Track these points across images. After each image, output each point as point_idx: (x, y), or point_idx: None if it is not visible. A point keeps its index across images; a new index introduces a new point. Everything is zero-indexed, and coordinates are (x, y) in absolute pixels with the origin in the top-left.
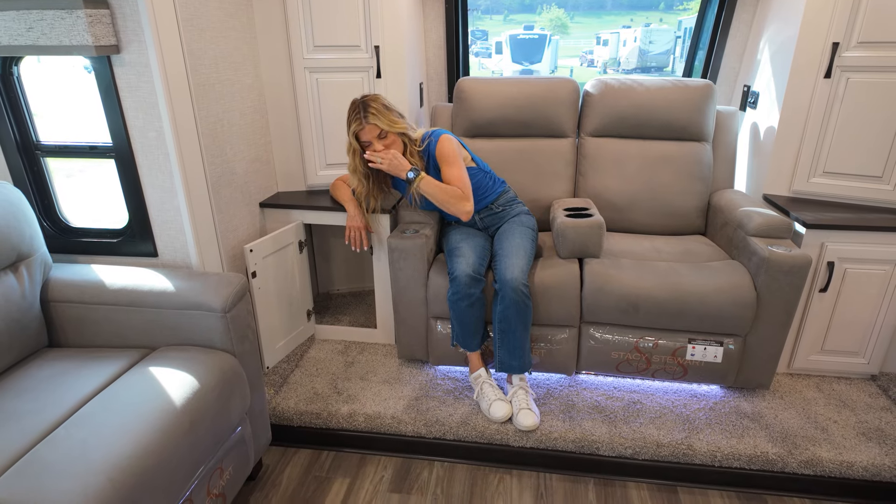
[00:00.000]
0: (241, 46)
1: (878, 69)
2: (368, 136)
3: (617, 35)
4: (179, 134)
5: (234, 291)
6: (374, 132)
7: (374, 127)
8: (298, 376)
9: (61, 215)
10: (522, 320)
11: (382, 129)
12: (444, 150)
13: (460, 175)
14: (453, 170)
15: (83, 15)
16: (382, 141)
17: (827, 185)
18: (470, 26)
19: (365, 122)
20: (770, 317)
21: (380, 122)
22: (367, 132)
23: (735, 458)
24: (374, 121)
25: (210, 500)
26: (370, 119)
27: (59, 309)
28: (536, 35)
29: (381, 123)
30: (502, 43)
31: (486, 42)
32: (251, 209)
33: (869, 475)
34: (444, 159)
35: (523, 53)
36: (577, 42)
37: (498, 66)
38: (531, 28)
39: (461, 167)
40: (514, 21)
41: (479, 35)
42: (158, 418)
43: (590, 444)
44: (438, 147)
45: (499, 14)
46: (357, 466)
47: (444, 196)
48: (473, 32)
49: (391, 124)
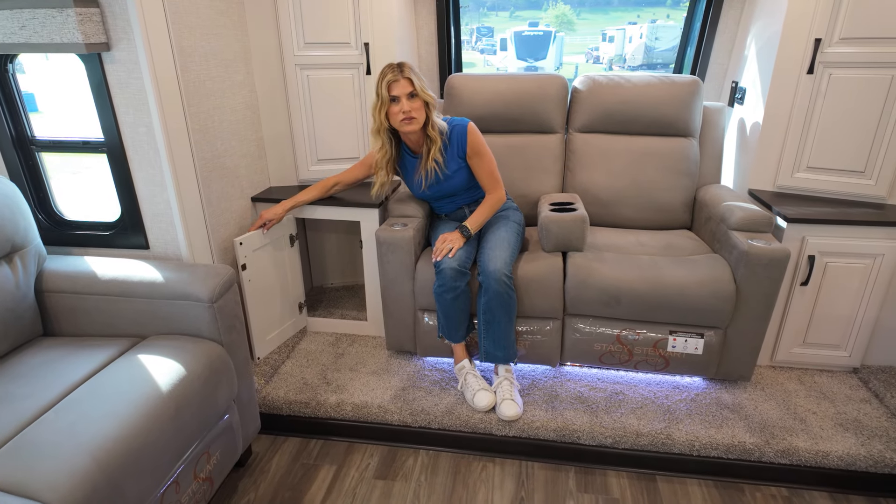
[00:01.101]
0: (232, 43)
1: (859, 65)
2: (400, 91)
3: (623, 31)
4: (169, 130)
5: (222, 282)
6: (407, 88)
7: (409, 82)
8: (289, 367)
9: (56, 208)
10: (506, 311)
11: (415, 88)
12: (476, 141)
13: (492, 165)
14: (485, 161)
15: (73, 13)
16: (411, 102)
17: (811, 180)
18: (475, 23)
19: (401, 75)
20: (750, 309)
21: (415, 80)
22: (401, 86)
23: (713, 447)
24: (411, 75)
25: (197, 483)
26: (406, 73)
27: (52, 299)
28: (541, 32)
29: (416, 82)
30: (507, 40)
31: (492, 39)
32: (243, 203)
33: (844, 465)
34: (477, 152)
35: (528, 50)
36: (584, 39)
37: (503, 62)
38: (536, 25)
39: (491, 157)
40: (521, 18)
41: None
42: (144, 403)
43: (571, 434)
44: (471, 137)
45: (505, 10)
46: (344, 454)
47: (489, 211)
48: (479, 29)
49: (423, 88)
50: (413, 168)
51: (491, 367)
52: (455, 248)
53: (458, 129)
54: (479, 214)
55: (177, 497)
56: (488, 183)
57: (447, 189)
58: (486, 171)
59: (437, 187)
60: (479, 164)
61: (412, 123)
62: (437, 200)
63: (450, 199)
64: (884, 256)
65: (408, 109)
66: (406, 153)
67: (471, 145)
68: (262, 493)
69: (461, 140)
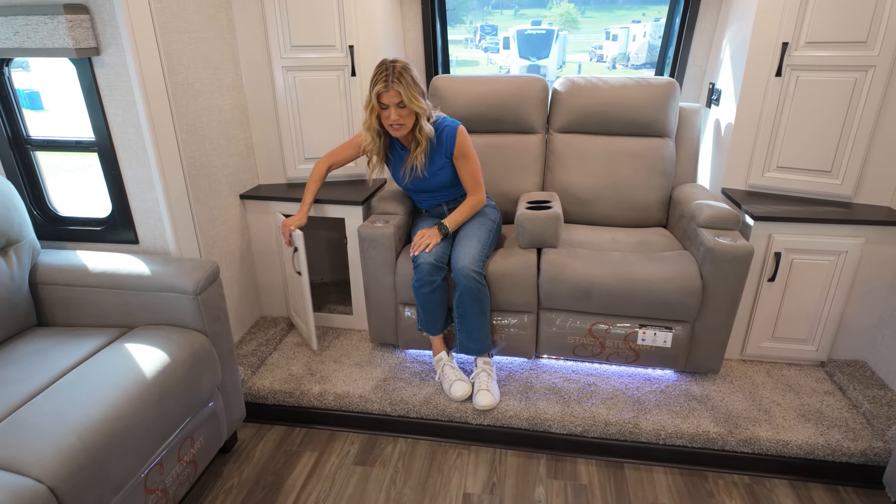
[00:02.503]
0: (220, 47)
1: (825, 68)
2: (388, 101)
3: (626, 30)
4: (156, 130)
5: (206, 275)
6: (395, 99)
7: (397, 94)
8: (276, 358)
9: (50, 205)
10: (478, 305)
11: (404, 100)
12: (464, 144)
13: (475, 169)
14: (470, 164)
15: (64, 20)
16: (400, 111)
17: (781, 180)
18: (479, 21)
19: (391, 86)
20: (716, 304)
21: (404, 92)
22: (390, 97)
23: (678, 436)
24: (399, 88)
25: (181, 465)
26: (395, 86)
27: (46, 291)
28: (544, 30)
29: (405, 94)
30: (510, 38)
31: (496, 37)
32: (231, 200)
33: (803, 453)
34: (463, 153)
35: (530, 49)
36: (588, 37)
37: (506, 61)
38: (539, 23)
39: (476, 161)
40: (525, 16)
41: (489, 30)
42: (129, 388)
43: (542, 422)
44: (459, 140)
45: (509, 9)
46: (326, 442)
47: (468, 212)
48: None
49: (411, 100)
50: (400, 160)
51: (470, 358)
52: (432, 244)
53: (448, 129)
54: (458, 214)
55: (161, 477)
56: (470, 185)
57: (428, 185)
58: (470, 175)
59: (419, 182)
60: (464, 167)
61: (401, 129)
62: (418, 194)
63: (430, 195)
64: (847, 253)
65: (396, 118)
66: (396, 144)
67: (458, 147)
68: (245, 478)
69: (450, 141)
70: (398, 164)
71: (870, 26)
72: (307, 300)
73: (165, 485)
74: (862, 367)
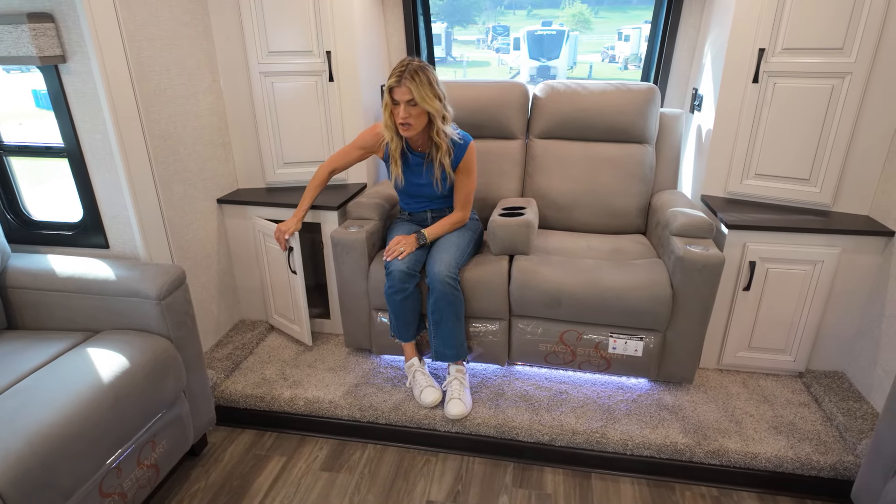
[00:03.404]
0: (196, 53)
1: (801, 75)
2: (399, 97)
3: (639, 30)
4: (123, 136)
5: (170, 281)
6: (406, 95)
7: (408, 91)
8: (251, 362)
9: (24, 209)
10: (453, 311)
11: (415, 98)
12: (471, 159)
13: (471, 188)
14: (468, 182)
15: (27, 29)
16: (409, 108)
17: (759, 187)
18: (492, 22)
19: (403, 82)
20: (687, 314)
21: (414, 90)
22: (400, 93)
23: (645, 447)
24: (410, 86)
25: (141, 469)
26: (407, 82)
27: (16, 294)
28: (554, 31)
29: (415, 92)
30: (520, 39)
31: (508, 38)
32: (208, 205)
33: (772, 466)
34: (466, 169)
35: (540, 49)
36: (601, 37)
37: (516, 62)
38: (549, 24)
39: (475, 180)
40: (538, 16)
41: (501, 31)
42: (84, 392)
43: (510, 430)
44: (468, 155)
45: (522, 9)
46: (296, 447)
47: (449, 228)
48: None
49: (424, 99)
50: (406, 165)
51: (443, 365)
52: (406, 252)
53: (463, 145)
54: (439, 227)
55: (118, 481)
56: (461, 202)
57: (422, 191)
58: (465, 191)
59: (419, 188)
60: (463, 182)
61: (409, 130)
62: (409, 197)
63: (419, 200)
64: (823, 263)
65: (404, 116)
66: (407, 146)
67: (465, 161)
68: (212, 481)
69: (459, 152)
70: (405, 168)
71: (846, 33)
72: (302, 297)
73: (123, 489)
74: (840, 379)
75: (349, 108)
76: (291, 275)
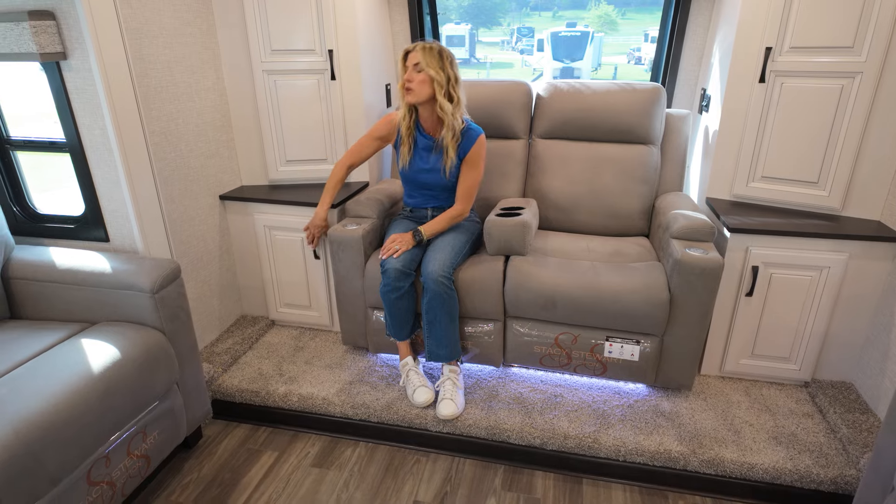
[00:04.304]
0: (200, 51)
1: (810, 74)
2: (409, 60)
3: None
4: (122, 132)
5: (164, 275)
6: (414, 59)
7: (416, 55)
8: (249, 357)
9: (30, 202)
10: (447, 311)
11: (421, 63)
12: (479, 151)
13: (476, 181)
14: (473, 173)
15: (28, 27)
16: (417, 74)
17: (766, 190)
18: (517, 23)
19: (416, 48)
20: (685, 318)
21: (421, 56)
22: (411, 57)
23: (639, 453)
24: (420, 51)
25: (131, 459)
26: (418, 49)
27: (18, 285)
28: (578, 32)
29: (421, 57)
30: (544, 40)
31: (532, 39)
32: (210, 201)
33: (769, 478)
34: (473, 161)
35: (565, 51)
36: (627, 39)
37: (539, 63)
38: (574, 25)
39: (481, 175)
40: (564, 17)
41: (525, 32)
42: (73, 382)
43: (501, 433)
44: (477, 146)
45: (548, 10)
46: (288, 442)
47: (447, 223)
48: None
49: (430, 65)
50: (416, 147)
51: (438, 365)
52: (402, 250)
53: (471, 132)
54: (437, 223)
55: (106, 471)
56: (463, 194)
57: (427, 178)
58: (468, 184)
59: (425, 175)
60: (468, 174)
61: (409, 94)
62: (413, 187)
63: (423, 193)
64: (829, 269)
65: (408, 78)
66: (419, 129)
67: (473, 152)
68: (204, 474)
69: (468, 142)
70: (413, 149)
71: (857, 30)
72: (324, 282)
73: (112, 478)
74: (848, 390)
75: (351, 106)
76: (313, 261)
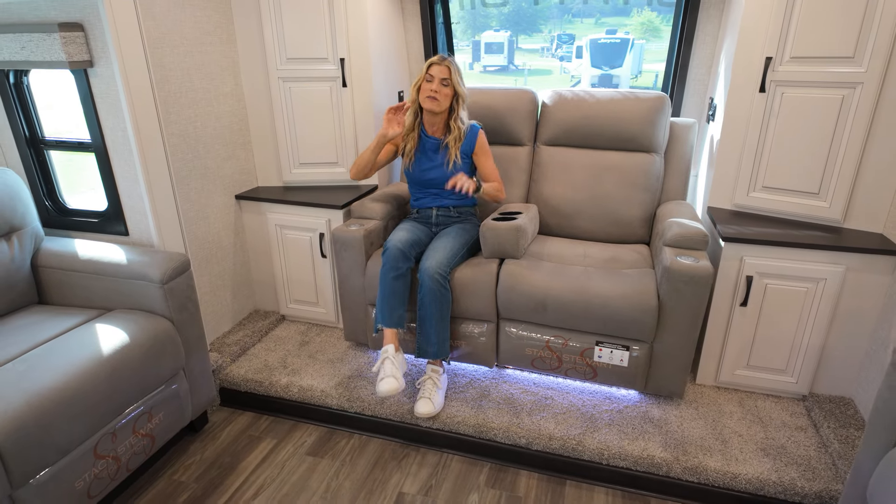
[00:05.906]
0: (219, 59)
1: (810, 84)
2: (436, 73)
3: None
4: (141, 134)
5: (174, 267)
6: (444, 73)
7: (447, 69)
8: (257, 350)
9: (61, 198)
10: (439, 308)
11: (449, 78)
12: (484, 144)
13: (493, 164)
14: (489, 160)
15: (58, 37)
16: (442, 86)
17: (766, 200)
18: (557, 30)
19: (444, 62)
20: (674, 325)
21: (452, 73)
22: (439, 70)
23: (622, 458)
24: (449, 66)
25: (136, 437)
26: (446, 63)
27: (45, 273)
28: (618, 39)
29: (453, 74)
30: (583, 47)
31: (572, 46)
32: (226, 200)
33: (752, 489)
34: (483, 151)
35: (603, 58)
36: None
37: (578, 70)
38: (614, 32)
39: (492, 158)
40: (606, 24)
41: (566, 39)
42: (83, 363)
43: (487, 431)
44: (480, 139)
45: (590, 17)
46: (287, 431)
47: (492, 191)
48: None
49: (457, 83)
50: (422, 148)
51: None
52: (466, 187)
53: (471, 129)
54: (487, 187)
55: (112, 446)
56: (488, 176)
57: (432, 175)
58: (491, 167)
59: (434, 172)
60: (485, 161)
61: (434, 103)
62: (418, 187)
63: (428, 192)
64: (826, 281)
65: (436, 89)
66: (423, 131)
67: (479, 145)
68: (206, 456)
69: (471, 139)
70: (420, 151)
71: (857, 41)
72: (330, 279)
73: (117, 453)
74: (846, 405)
75: (361, 112)
76: (321, 259)
